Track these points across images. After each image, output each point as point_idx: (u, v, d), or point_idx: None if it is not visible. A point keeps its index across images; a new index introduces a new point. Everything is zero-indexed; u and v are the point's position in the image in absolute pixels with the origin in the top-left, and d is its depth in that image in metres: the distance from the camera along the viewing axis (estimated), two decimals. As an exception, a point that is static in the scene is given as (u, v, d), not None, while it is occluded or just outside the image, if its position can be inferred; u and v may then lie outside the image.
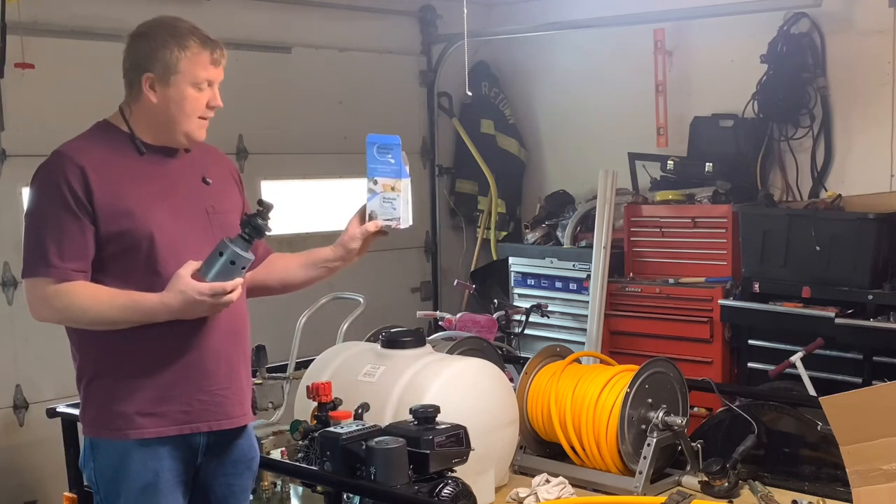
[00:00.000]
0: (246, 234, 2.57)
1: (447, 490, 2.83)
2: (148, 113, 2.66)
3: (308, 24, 6.08)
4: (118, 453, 2.61)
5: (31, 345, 5.03)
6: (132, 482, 2.60)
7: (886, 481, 2.76)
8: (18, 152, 4.93)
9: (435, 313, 5.89)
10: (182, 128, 2.66)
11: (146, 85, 2.62)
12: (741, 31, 5.65)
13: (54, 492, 4.44)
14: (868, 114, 5.32)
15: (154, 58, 2.61)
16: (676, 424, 3.53)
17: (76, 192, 2.54)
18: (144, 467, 2.61)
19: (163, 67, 2.60)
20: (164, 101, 2.62)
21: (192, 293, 2.50)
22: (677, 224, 5.53)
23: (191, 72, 2.61)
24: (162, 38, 2.62)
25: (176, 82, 2.61)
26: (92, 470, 2.66)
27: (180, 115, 2.63)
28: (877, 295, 4.67)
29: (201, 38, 2.66)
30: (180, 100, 2.62)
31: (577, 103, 6.62)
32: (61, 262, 2.53)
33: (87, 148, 2.63)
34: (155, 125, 2.66)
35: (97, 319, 2.57)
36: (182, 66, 2.60)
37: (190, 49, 2.62)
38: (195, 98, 2.64)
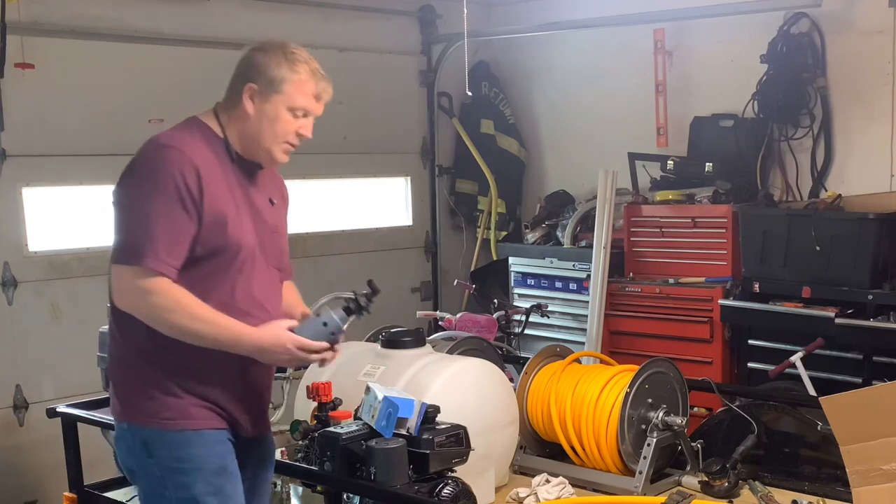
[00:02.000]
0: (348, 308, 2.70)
1: (447, 490, 2.83)
2: (240, 123, 2.68)
3: (308, 24, 6.08)
4: (180, 443, 2.61)
5: (31, 345, 5.03)
6: (206, 465, 2.62)
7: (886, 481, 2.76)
8: (18, 152, 4.93)
9: (435, 313, 5.89)
10: (266, 146, 2.68)
11: (246, 94, 2.65)
12: (741, 31, 5.65)
13: (54, 492, 4.44)
14: (868, 114, 5.32)
15: (262, 72, 2.64)
16: (676, 424, 3.54)
17: (191, 190, 2.53)
18: (213, 451, 2.64)
19: (267, 83, 2.63)
20: (258, 116, 2.65)
21: (287, 341, 2.58)
22: (677, 224, 5.53)
23: (292, 96, 2.64)
24: (276, 57, 2.65)
25: (275, 101, 2.64)
26: (151, 465, 2.62)
27: (269, 134, 2.66)
28: (877, 295, 4.67)
29: (313, 69, 2.69)
30: (273, 119, 2.65)
31: (577, 103, 6.63)
32: (167, 257, 2.51)
33: (196, 147, 2.61)
34: (244, 136, 2.68)
35: (185, 329, 2.53)
36: (286, 87, 2.64)
37: (298, 74, 2.65)
38: (288, 122, 2.66)
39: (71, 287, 5.13)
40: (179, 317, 2.51)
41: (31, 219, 5.03)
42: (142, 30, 5.36)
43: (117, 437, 2.73)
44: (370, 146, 6.44)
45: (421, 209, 6.90)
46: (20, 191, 4.98)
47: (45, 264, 5.08)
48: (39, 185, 5.06)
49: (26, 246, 5.01)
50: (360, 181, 6.58)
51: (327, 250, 6.22)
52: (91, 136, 5.19)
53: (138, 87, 5.33)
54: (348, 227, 6.41)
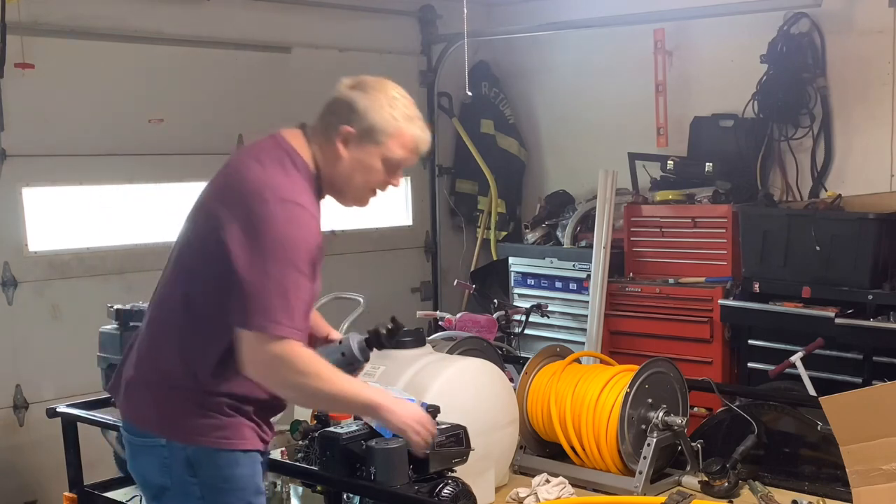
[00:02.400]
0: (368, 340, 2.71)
1: (447, 490, 2.83)
2: (331, 163, 2.53)
3: (308, 24, 6.09)
4: (229, 462, 2.53)
5: (31, 345, 5.03)
6: (248, 486, 2.57)
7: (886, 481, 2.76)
8: (18, 152, 4.93)
9: (435, 313, 5.89)
10: (354, 194, 2.59)
11: (340, 137, 2.50)
12: (741, 31, 5.65)
13: (54, 492, 4.44)
14: (868, 114, 5.32)
15: (362, 117, 2.49)
16: (676, 424, 3.54)
17: (313, 254, 2.44)
18: (253, 472, 2.58)
19: (365, 131, 2.49)
20: (350, 162, 2.52)
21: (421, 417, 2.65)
22: (677, 224, 5.53)
23: (391, 149, 2.52)
24: (378, 102, 2.50)
25: (371, 151, 2.51)
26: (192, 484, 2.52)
27: (360, 182, 2.56)
28: (877, 295, 4.67)
29: (414, 119, 2.54)
30: (367, 169, 2.53)
31: (577, 103, 6.62)
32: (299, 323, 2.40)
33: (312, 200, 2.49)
34: (332, 176, 2.55)
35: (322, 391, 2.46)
36: (385, 140, 2.50)
37: (401, 127, 2.51)
38: (380, 173, 2.55)
39: (71, 287, 5.13)
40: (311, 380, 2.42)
41: (31, 219, 5.04)
42: (142, 30, 5.36)
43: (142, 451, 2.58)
44: (370, 146, 6.43)
45: (421, 209, 6.90)
46: (20, 191, 4.98)
47: (45, 264, 5.08)
48: (39, 185, 5.06)
49: (26, 246, 5.01)
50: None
51: (327, 250, 6.14)
52: (91, 136, 5.19)
53: (138, 87, 5.33)
54: (348, 227, 6.41)
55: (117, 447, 3.98)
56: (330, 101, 2.57)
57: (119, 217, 5.40)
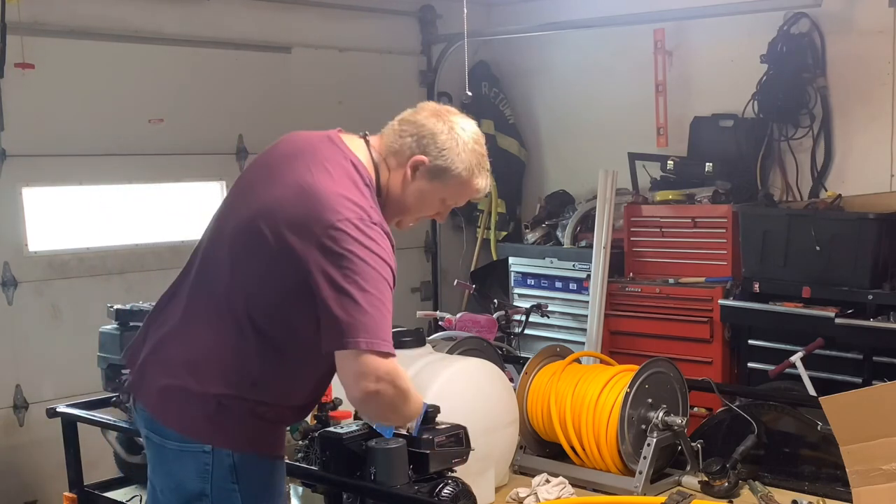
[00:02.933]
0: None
1: (447, 490, 2.83)
2: (395, 185, 2.53)
3: (308, 24, 6.09)
4: (268, 471, 2.57)
5: (31, 345, 5.03)
6: (281, 491, 2.63)
7: (886, 481, 2.76)
8: (18, 152, 4.93)
9: (435, 313, 5.89)
10: (402, 217, 2.61)
11: (412, 163, 2.50)
12: (741, 31, 5.66)
13: (54, 492, 4.44)
14: (868, 114, 5.32)
15: (439, 153, 2.50)
16: (676, 424, 3.53)
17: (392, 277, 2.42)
18: (284, 477, 2.66)
19: (439, 169, 2.51)
20: (412, 189, 2.53)
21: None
22: (677, 224, 5.53)
23: (454, 193, 2.57)
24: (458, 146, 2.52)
25: (435, 186, 2.53)
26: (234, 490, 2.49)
27: (414, 208, 2.58)
28: (877, 295, 4.67)
29: (487, 175, 2.61)
30: (423, 200, 2.56)
31: (577, 103, 6.63)
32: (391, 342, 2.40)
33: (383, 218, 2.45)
34: (390, 193, 2.54)
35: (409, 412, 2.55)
36: (452, 183, 2.54)
37: (472, 176, 2.56)
38: (432, 207, 2.60)
39: (71, 287, 5.13)
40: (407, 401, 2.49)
41: (31, 219, 5.04)
42: (142, 30, 5.36)
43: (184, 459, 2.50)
44: (370, 146, 6.44)
45: (421, 209, 6.89)
46: (20, 191, 4.98)
47: (45, 264, 5.08)
48: (39, 185, 5.07)
49: (26, 246, 5.01)
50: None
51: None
52: (91, 136, 5.19)
53: (138, 87, 5.33)
54: (348, 227, 6.41)
55: (117, 447, 3.98)
56: (410, 122, 2.56)
57: (119, 217, 5.40)
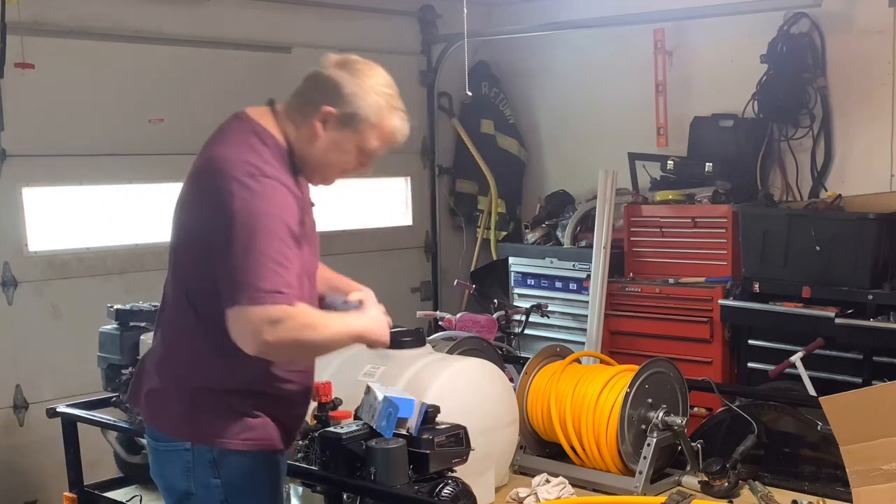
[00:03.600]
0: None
1: (447, 490, 2.83)
2: (304, 141, 2.49)
3: (308, 24, 6.09)
4: (253, 462, 2.53)
5: (31, 345, 5.03)
6: (270, 485, 2.59)
7: (886, 481, 2.76)
8: (18, 152, 4.93)
9: (435, 313, 5.89)
10: (323, 173, 2.56)
11: (320, 116, 2.46)
12: (741, 31, 5.65)
13: (54, 492, 4.44)
14: (868, 114, 5.32)
15: (346, 101, 2.46)
16: (676, 424, 3.54)
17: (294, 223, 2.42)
18: (276, 472, 2.61)
19: (348, 116, 2.46)
20: (326, 143, 2.49)
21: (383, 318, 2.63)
22: (677, 224, 5.53)
23: (368, 138, 2.49)
24: (364, 88, 2.47)
25: (348, 136, 2.48)
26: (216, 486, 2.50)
27: (334, 163, 2.53)
28: (877, 295, 4.67)
29: (403, 118, 2.54)
30: (340, 151, 2.50)
31: (577, 103, 6.62)
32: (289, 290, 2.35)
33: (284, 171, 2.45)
34: (306, 153, 2.51)
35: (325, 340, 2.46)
36: (364, 128, 2.48)
37: (383, 118, 2.49)
38: (353, 157, 2.53)
39: (71, 287, 5.13)
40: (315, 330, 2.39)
41: (31, 219, 5.03)
42: (142, 30, 5.36)
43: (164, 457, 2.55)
44: (370, 146, 6.44)
45: (421, 209, 6.90)
46: (20, 191, 4.98)
47: (45, 264, 5.08)
48: (39, 185, 5.06)
49: (26, 246, 5.01)
50: (361, 181, 6.57)
51: (327, 250, 6.11)
52: (91, 136, 5.19)
53: (138, 87, 5.33)
54: (348, 227, 6.41)
55: (117, 447, 3.98)
56: (313, 77, 2.53)
57: (119, 217, 5.40)
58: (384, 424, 2.85)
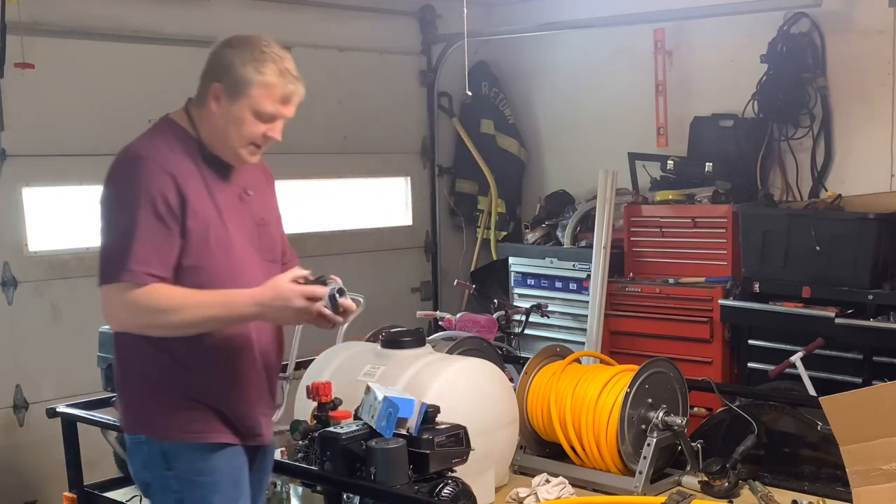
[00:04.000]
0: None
1: (447, 490, 2.83)
2: (208, 121, 2.57)
3: (308, 24, 6.08)
4: (202, 454, 2.56)
5: (31, 345, 5.03)
6: (224, 478, 2.60)
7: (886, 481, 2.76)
8: (18, 152, 4.93)
9: (435, 313, 5.89)
10: (233, 148, 2.57)
11: (212, 94, 2.54)
12: (741, 31, 5.65)
13: (54, 492, 4.44)
14: (868, 114, 5.31)
15: (229, 71, 2.51)
16: (676, 424, 3.54)
17: (168, 201, 2.44)
18: (231, 464, 2.61)
19: (233, 84, 2.51)
20: (223, 117, 2.54)
21: (288, 291, 2.45)
22: (677, 224, 5.53)
23: (258, 100, 2.51)
24: (243, 55, 2.52)
25: (240, 104, 2.52)
26: (169, 478, 2.56)
27: (235, 136, 2.55)
28: (877, 295, 4.67)
29: (282, 70, 2.53)
30: (237, 121, 2.53)
31: (578, 103, 6.62)
32: (144, 267, 2.40)
33: (170, 154, 2.52)
34: (211, 136, 2.58)
35: (185, 320, 2.43)
36: (252, 90, 2.50)
37: (265, 77, 2.51)
38: (253, 125, 2.54)
39: (71, 287, 5.13)
40: (171, 310, 2.41)
41: (31, 219, 5.03)
42: (142, 30, 5.36)
43: (131, 450, 2.64)
44: (370, 146, 6.44)
45: (421, 209, 6.90)
46: (20, 191, 4.98)
47: (45, 264, 5.08)
48: (39, 185, 5.06)
49: (26, 246, 5.01)
50: (360, 181, 6.57)
51: (327, 250, 6.22)
52: (91, 136, 5.18)
53: (138, 87, 5.33)
54: (348, 227, 6.41)
55: (117, 447, 3.98)
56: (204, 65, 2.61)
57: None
58: (384, 424, 2.85)
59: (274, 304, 2.45)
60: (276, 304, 2.45)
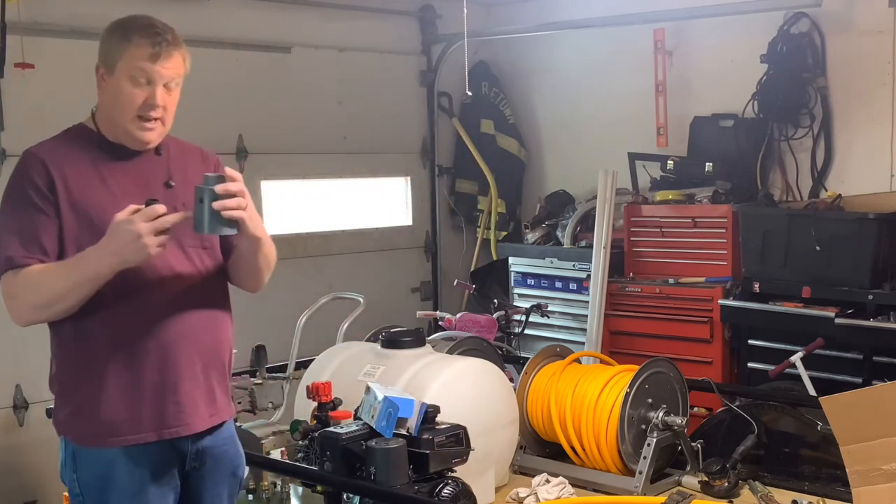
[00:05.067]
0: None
1: (447, 490, 2.83)
2: (100, 109, 2.63)
3: (308, 24, 6.08)
4: (102, 462, 2.54)
5: (31, 345, 5.01)
6: (120, 491, 2.54)
7: (886, 481, 2.76)
8: (18, 152, 4.83)
9: (435, 313, 5.89)
10: (122, 124, 2.57)
11: (98, 78, 2.59)
12: (741, 31, 5.65)
13: (54, 492, 4.44)
14: (868, 114, 5.31)
15: (103, 50, 2.58)
16: (676, 424, 3.54)
17: (38, 187, 2.50)
18: (131, 476, 2.54)
19: (107, 59, 2.56)
20: (107, 95, 2.58)
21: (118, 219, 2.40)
22: (677, 224, 5.53)
23: (128, 65, 2.53)
24: (111, 30, 2.60)
25: (116, 75, 2.54)
26: (75, 480, 2.57)
27: (117, 111, 2.56)
28: (877, 295, 4.67)
29: (145, 31, 2.55)
30: (116, 93, 2.54)
31: (577, 103, 6.62)
32: (20, 252, 2.47)
33: (52, 145, 2.61)
34: (104, 119, 2.62)
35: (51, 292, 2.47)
36: (121, 56, 2.54)
37: (131, 41, 2.54)
38: (131, 94, 2.53)
39: (71, 287, 5.12)
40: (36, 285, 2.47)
41: (31, 219, 5.03)
42: (142, 30, 5.35)
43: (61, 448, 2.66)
44: (370, 146, 6.44)
45: (421, 209, 6.90)
46: (20, 191, 4.97)
47: (45, 264, 5.07)
48: (39, 185, 5.06)
49: (26, 246, 5.00)
50: (360, 181, 6.57)
51: (327, 250, 6.21)
52: (91, 136, 5.18)
53: (138, 87, 5.32)
54: (348, 227, 6.41)
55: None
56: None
57: (119, 217, 5.39)
58: (384, 424, 2.85)
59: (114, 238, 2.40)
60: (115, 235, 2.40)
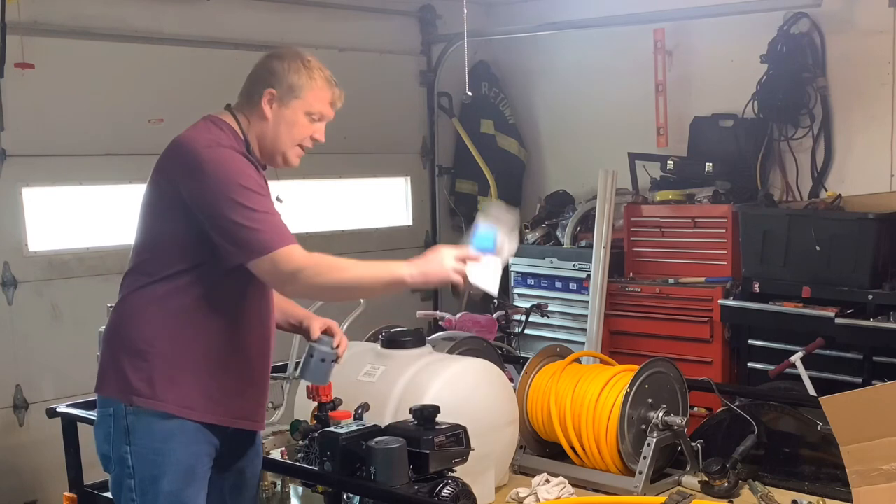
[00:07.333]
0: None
1: (447, 490, 2.83)
2: (258, 126, 2.78)
3: (308, 24, 6.09)
4: (163, 435, 2.63)
5: (31, 345, 5.03)
6: (176, 464, 2.64)
7: (886, 481, 2.76)
8: (18, 152, 4.93)
9: (435, 313, 5.89)
10: (283, 150, 2.79)
11: (266, 99, 2.75)
12: (741, 31, 5.66)
13: (54, 492, 4.44)
14: (868, 114, 5.32)
15: (282, 79, 2.76)
16: (676, 424, 3.54)
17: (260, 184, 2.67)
18: (187, 451, 2.66)
19: (287, 89, 2.75)
20: (276, 120, 2.76)
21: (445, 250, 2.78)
22: (677, 224, 5.53)
23: (310, 101, 2.78)
24: (294, 64, 2.78)
25: (294, 106, 2.76)
26: (128, 453, 2.65)
27: (286, 137, 2.78)
28: (877, 295, 4.67)
29: (327, 77, 2.84)
30: (291, 123, 2.77)
31: (577, 103, 6.63)
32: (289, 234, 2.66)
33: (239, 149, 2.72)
34: (261, 139, 2.79)
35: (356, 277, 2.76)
36: (305, 93, 2.77)
37: (315, 81, 2.79)
38: (304, 126, 2.79)
39: (71, 287, 5.13)
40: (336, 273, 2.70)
41: (31, 219, 5.03)
42: (142, 30, 5.36)
43: (97, 423, 2.75)
44: (370, 146, 6.44)
45: (421, 209, 6.90)
46: (20, 191, 4.98)
47: (45, 264, 5.08)
48: (39, 185, 5.06)
49: (26, 246, 5.01)
50: (360, 181, 6.58)
51: (327, 250, 6.15)
52: (91, 136, 5.19)
53: (138, 87, 5.33)
54: (348, 227, 6.41)
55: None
56: (250, 75, 2.85)
57: (119, 217, 5.39)
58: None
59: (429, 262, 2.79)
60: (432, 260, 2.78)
